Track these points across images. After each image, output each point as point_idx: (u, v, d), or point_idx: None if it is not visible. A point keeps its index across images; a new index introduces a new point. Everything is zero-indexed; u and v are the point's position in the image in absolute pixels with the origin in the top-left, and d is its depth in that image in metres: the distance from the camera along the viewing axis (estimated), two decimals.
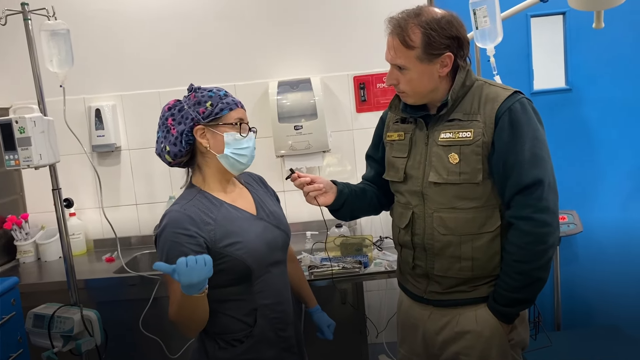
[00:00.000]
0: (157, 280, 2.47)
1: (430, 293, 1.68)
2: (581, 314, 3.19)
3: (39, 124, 2.02)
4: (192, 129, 1.61)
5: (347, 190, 1.81)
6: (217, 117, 1.61)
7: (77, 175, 3.03)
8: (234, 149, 1.62)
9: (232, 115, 1.62)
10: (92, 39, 2.98)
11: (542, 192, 1.52)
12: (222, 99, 1.62)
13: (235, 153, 1.62)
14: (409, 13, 1.57)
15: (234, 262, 1.56)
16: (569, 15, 3.00)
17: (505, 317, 1.60)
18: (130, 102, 3.04)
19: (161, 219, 1.58)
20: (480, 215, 1.59)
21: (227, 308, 1.61)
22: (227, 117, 1.62)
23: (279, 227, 1.71)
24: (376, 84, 3.01)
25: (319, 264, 2.41)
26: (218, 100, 1.61)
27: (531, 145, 1.53)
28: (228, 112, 1.61)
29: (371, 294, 3.06)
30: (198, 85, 1.67)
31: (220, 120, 1.61)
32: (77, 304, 2.16)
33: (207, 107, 1.61)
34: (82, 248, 3.02)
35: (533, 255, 1.53)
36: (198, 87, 1.67)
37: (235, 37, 3.00)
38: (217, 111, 1.60)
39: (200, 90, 1.65)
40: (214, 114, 1.60)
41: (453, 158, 1.57)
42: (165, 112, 1.67)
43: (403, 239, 1.72)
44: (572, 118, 3.08)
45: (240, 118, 1.64)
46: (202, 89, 1.65)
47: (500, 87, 1.61)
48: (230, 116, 1.62)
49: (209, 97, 1.62)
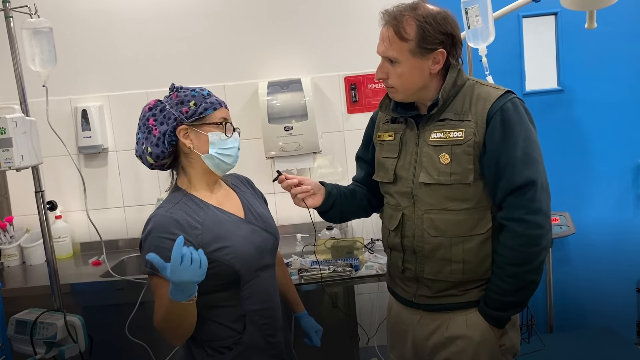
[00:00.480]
0: (143, 285, 2.42)
1: (420, 297, 1.65)
2: (574, 316, 3.18)
3: (21, 125, 1.97)
4: (175, 129, 1.57)
5: (335, 192, 1.78)
6: (201, 116, 1.57)
7: (64, 177, 2.98)
8: (219, 149, 1.58)
9: (216, 115, 1.58)
10: (79, 38, 2.93)
11: (535, 193, 1.49)
12: (206, 98, 1.59)
13: (220, 153, 1.58)
14: (405, 6, 1.56)
15: (222, 267, 1.52)
16: (561, 15, 2.99)
17: (497, 322, 1.57)
18: (118, 102, 2.99)
19: (146, 223, 1.53)
20: (472, 217, 1.56)
21: (215, 314, 1.56)
22: (212, 117, 1.58)
23: (267, 230, 1.67)
24: (367, 84, 2.98)
25: (309, 267, 2.37)
26: (202, 100, 1.58)
27: (523, 145, 1.50)
28: (212, 112, 1.58)
29: (362, 297, 3.03)
30: (180, 85, 1.63)
31: (205, 119, 1.57)
32: (60, 309, 2.11)
33: (190, 106, 1.57)
34: (68, 251, 2.97)
35: (525, 258, 1.50)
36: (180, 86, 1.63)
37: (225, 37, 2.97)
38: (201, 110, 1.56)
39: (183, 89, 1.61)
40: (198, 113, 1.56)
41: (444, 158, 1.54)
42: (145, 112, 1.62)
43: (392, 242, 1.68)
44: (564, 119, 3.07)
45: (225, 118, 1.60)
46: (185, 89, 1.61)
47: (492, 87, 1.58)
48: (215, 116, 1.58)
49: (192, 96, 1.58)
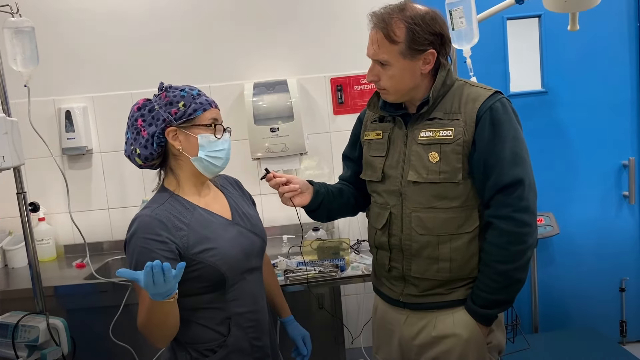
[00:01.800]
0: (128, 287, 2.40)
1: (407, 296, 1.65)
2: (558, 316, 3.20)
3: (2, 125, 1.93)
4: (164, 130, 1.55)
5: (323, 190, 1.77)
6: (191, 118, 1.54)
7: (47, 179, 2.95)
8: (208, 152, 1.55)
9: (206, 116, 1.55)
10: (63, 39, 2.90)
11: (523, 192, 1.51)
12: (195, 98, 1.56)
13: (210, 156, 1.56)
14: (393, 8, 1.55)
15: (207, 269, 1.50)
16: (544, 18, 3.02)
17: (484, 319, 1.58)
18: (102, 103, 2.97)
19: (131, 223, 1.51)
20: (459, 215, 1.57)
21: (200, 317, 1.55)
22: (201, 118, 1.55)
23: (254, 232, 1.66)
24: (353, 86, 2.98)
25: (295, 268, 2.37)
26: (191, 100, 1.55)
27: (512, 144, 1.52)
28: (202, 113, 1.55)
29: (349, 298, 3.03)
30: (169, 84, 1.61)
31: (194, 121, 1.54)
32: (43, 312, 2.08)
33: (179, 107, 1.54)
34: (52, 254, 2.94)
35: (512, 256, 1.51)
36: (169, 85, 1.60)
37: (210, 37, 2.96)
38: (190, 112, 1.54)
39: (172, 89, 1.58)
40: (187, 114, 1.54)
41: (433, 157, 1.55)
42: (134, 112, 1.59)
43: (379, 240, 1.69)
44: (548, 120, 3.10)
45: (215, 118, 1.57)
46: (174, 88, 1.58)
47: (481, 87, 1.60)
48: (204, 117, 1.55)
49: (182, 96, 1.55)
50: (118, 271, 1.28)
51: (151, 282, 1.28)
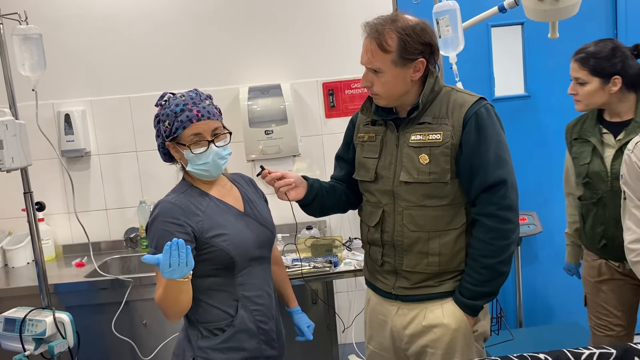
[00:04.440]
0: (129, 283, 2.48)
1: (399, 289, 1.75)
2: (542, 312, 3.31)
3: (11, 128, 2.02)
4: (164, 144, 1.70)
5: (317, 185, 1.86)
6: (175, 136, 1.65)
7: (46, 180, 3.00)
8: (194, 165, 1.67)
9: (186, 134, 1.64)
10: (61, 43, 2.97)
11: (506, 191, 1.62)
12: (177, 116, 1.63)
13: (197, 168, 1.67)
14: (385, 19, 1.64)
15: (218, 253, 1.64)
16: (527, 25, 3.13)
17: (471, 310, 1.68)
18: (100, 107, 3.04)
19: (153, 208, 1.67)
20: (448, 212, 1.67)
21: (211, 297, 1.68)
22: (182, 136, 1.65)
23: (264, 224, 1.78)
24: (345, 90, 3.07)
25: (291, 264, 2.47)
26: (173, 119, 1.64)
27: (495, 147, 1.63)
28: (182, 131, 1.64)
29: (340, 295, 3.12)
30: (167, 97, 1.69)
31: (177, 139, 1.66)
32: (49, 306, 2.16)
33: (166, 126, 1.66)
34: (50, 254, 2.99)
35: (497, 250, 1.62)
36: (166, 99, 1.69)
37: (206, 42, 3.03)
38: (173, 130, 1.64)
39: (165, 105, 1.68)
40: (172, 133, 1.65)
41: (423, 159, 1.65)
42: (154, 120, 1.73)
43: (372, 237, 1.78)
44: (530, 123, 3.21)
45: (197, 133, 1.64)
46: (167, 104, 1.67)
47: (467, 94, 1.70)
48: (185, 135, 1.64)
49: (167, 115, 1.65)
50: (143, 257, 1.45)
51: (168, 264, 1.44)
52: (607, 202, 2.10)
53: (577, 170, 2.20)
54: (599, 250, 2.20)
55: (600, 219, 2.15)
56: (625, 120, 2.13)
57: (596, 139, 2.14)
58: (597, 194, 2.14)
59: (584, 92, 2.15)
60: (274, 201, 1.87)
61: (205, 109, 1.66)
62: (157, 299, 1.57)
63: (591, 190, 2.16)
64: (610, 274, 2.21)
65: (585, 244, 2.30)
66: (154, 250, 1.59)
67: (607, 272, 2.21)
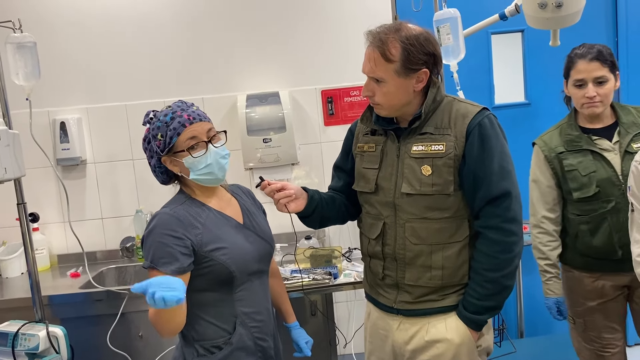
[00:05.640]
0: (124, 295, 2.44)
1: (400, 303, 1.71)
2: (543, 321, 3.26)
3: (4, 138, 1.98)
4: (160, 161, 1.65)
5: (317, 196, 1.83)
6: (171, 146, 1.61)
7: (40, 189, 2.97)
8: (197, 171, 1.62)
9: (181, 139, 1.60)
10: (57, 51, 2.94)
11: (510, 203, 1.59)
12: (169, 125, 1.60)
13: (200, 174, 1.62)
14: (389, 28, 1.61)
15: (217, 267, 1.59)
16: (527, 32, 3.12)
17: (475, 325, 1.65)
18: (97, 115, 3.00)
19: (150, 220, 1.61)
20: (451, 225, 1.64)
21: (208, 314, 1.62)
22: (178, 144, 1.60)
23: (263, 237, 1.74)
24: (343, 97, 3.05)
25: (289, 275, 2.43)
26: (165, 129, 1.60)
27: (499, 158, 1.60)
28: (177, 138, 1.60)
29: (340, 305, 3.08)
30: (152, 114, 1.66)
31: (174, 148, 1.61)
32: (42, 320, 2.11)
33: (159, 139, 1.62)
34: (45, 264, 2.96)
35: (501, 264, 1.59)
36: (151, 117, 1.66)
37: (204, 50, 3.01)
38: (168, 140, 1.60)
39: (152, 120, 1.65)
40: (167, 144, 1.61)
41: (426, 170, 1.62)
42: (143, 143, 1.69)
43: (373, 250, 1.75)
44: (531, 131, 3.15)
45: (193, 136, 1.60)
46: (154, 119, 1.64)
47: (469, 104, 1.67)
48: (181, 141, 1.60)
49: (158, 127, 1.62)
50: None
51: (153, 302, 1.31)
52: (621, 207, 1.98)
53: (579, 182, 2.06)
54: (613, 263, 2.05)
55: (615, 227, 2.01)
56: (608, 125, 2.07)
57: (593, 146, 2.05)
58: (610, 202, 2.02)
59: (604, 92, 2.03)
60: (272, 210, 1.83)
61: (195, 112, 1.64)
62: (151, 316, 1.51)
63: (601, 199, 2.03)
64: (613, 291, 2.10)
65: (584, 264, 2.13)
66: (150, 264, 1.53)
67: (611, 291, 2.10)
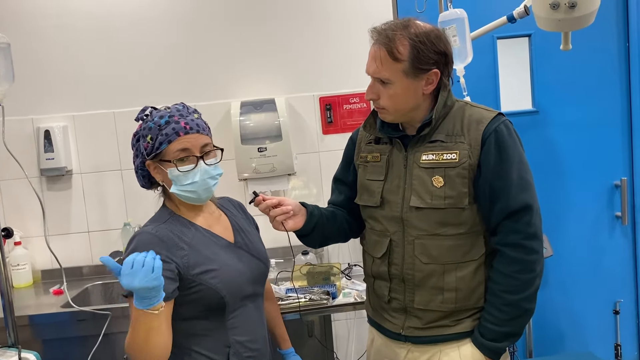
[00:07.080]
0: (107, 315, 2.29)
1: (409, 329, 1.57)
2: (553, 340, 3.16)
3: None
4: (144, 163, 1.51)
5: (317, 213, 1.69)
6: (158, 152, 1.46)
7: (24, 201, 2.83)
8: (179, 186, 1.47)
9: (171, 149, 1.45)
10: (43, 56, 2.81)
11: (531, 218, 1.48)
12: (162, 129, 1.46)
13: (183, 190, 1.47)
14: (396, 24, 1.50)
15: (207, 292, 1.44)
16: (534, 37, 3.01)
17: (493, 353, 1.51)
18: (84, 123, 2.88)
19: (130, 239, 1.46)
20: (465, 242, 1.51)
21: (197, 344, 1.47)
22: (167, 152, 1.46)
23: (257, 256, 1.60)
24: (343, 105, 2.94)
25: (284, 295, 2.27)
26: (157, 133, 1.46)
27: (518, 168, 1.49)
28: (167, 146, 1.45)
29: (339, 324, 2.95)
30: (149, 111, 1.53)
31: (161, 155, 1.47)
32: (15, 345, 1.96)
33: (148, 141, 1.47)
34: (28, 280, 2.82)
35: (521, 285, 1.47)
36: (147, 113, 1.52)
37: (197, 55, 2.90)
38: (157, 146, 1.46)
39: (147, 119, 1.51)
40: (155, 149, 1.46)
41: (437, 181, 1.49)
42: (132, 139, 1.55)
43: (378, 270, 1.61)
44: (539, 140, 3.07)
45: (184, 148, 1.46)
46: (149, 118, 1.50)
47: (484, 109, 1.56)
48: (170, 150, 1.45)
49: (150, 129, 1.47)
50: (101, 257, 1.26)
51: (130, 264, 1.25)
52: None
53: None
54: None
55: None
56: None
57: None
58: None
59: None
60: (265, 223, 1.68)
61: (193, 121, 1.49)
62: (126, 344, 1.37)
63: None
64: None
65: None
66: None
67: None
